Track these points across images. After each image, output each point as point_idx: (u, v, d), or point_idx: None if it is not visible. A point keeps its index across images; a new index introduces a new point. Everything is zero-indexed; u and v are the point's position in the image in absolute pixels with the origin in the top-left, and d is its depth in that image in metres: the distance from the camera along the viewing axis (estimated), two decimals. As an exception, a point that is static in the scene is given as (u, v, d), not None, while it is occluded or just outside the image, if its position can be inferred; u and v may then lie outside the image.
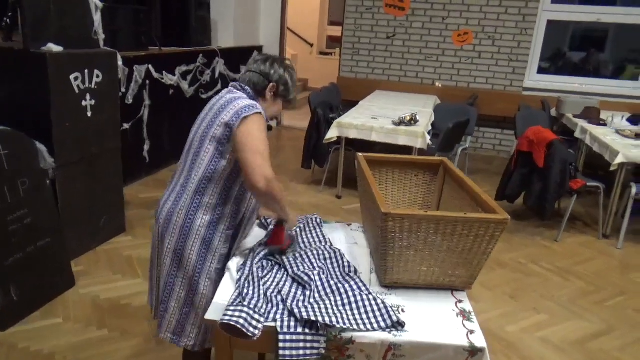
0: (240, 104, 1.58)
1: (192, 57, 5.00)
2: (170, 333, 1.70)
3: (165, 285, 1.68)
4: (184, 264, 1.64)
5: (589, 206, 4.46)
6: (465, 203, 1.70)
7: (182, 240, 1.63)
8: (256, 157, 1.50)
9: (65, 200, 2.85)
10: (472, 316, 1.42)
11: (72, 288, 2.74)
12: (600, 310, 2.85)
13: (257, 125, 1.56)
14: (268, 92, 1.71)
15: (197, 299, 1.65)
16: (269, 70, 1.71)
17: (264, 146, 1.54)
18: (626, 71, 6.22)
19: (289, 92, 1.76)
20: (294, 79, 1.77)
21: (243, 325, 1.27)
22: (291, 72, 1.76)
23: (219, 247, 1.64)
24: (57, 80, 2.67)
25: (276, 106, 1.78)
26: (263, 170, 1.49)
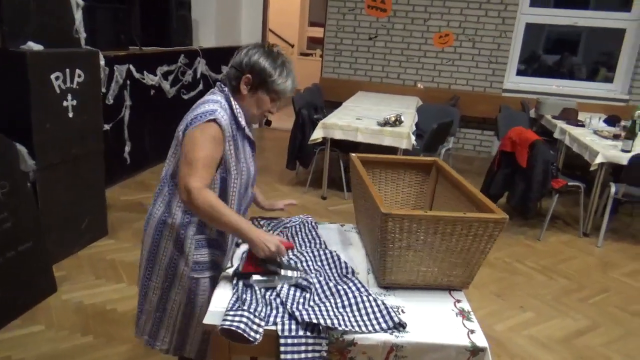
0: (202, 108, 1.48)
1: (174, 57, 4.93)
2: (146, 335, 1.68)
3: (140, 286, 1.66)
4: (156, 269, 1.60)
5: (569, 205, 4.55)
6: (459, 203, 1.70)
7: (155, 243, 1.59)
8: (184, 166, 1.42)
9: (46, 204, 2.77)
10: (472, 316, 1.42)
11: (54, 294, 2.65)
12: (584, 307, 2.91)
13: (200, 133, 1.43)
14: (243, 86, 1.52)
15: (169, 306, 1.61)
16: (242, 58, 1.51)
17: (200, 153, 1.41)
18: (599, 74, 6.39)
19: (271, 81, 1.51)
20: (279, 64, 1.51)
21: (244, 330, 1.24)
22: (272, 56, 1.51)
23: (190, 254, 1.55)
24: (37, 79, 2.59)
25: (259, 102, 1.55)
26: (186, 181, 1.40)
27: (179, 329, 1.62)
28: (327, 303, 1.37)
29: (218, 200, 1.43)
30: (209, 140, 1.44)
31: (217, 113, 1.46)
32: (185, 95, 5.21)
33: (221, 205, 1.42)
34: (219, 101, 1.51)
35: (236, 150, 1.55)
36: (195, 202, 1.40)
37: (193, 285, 1.57)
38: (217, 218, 1.42)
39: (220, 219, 1.42)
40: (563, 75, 6.40)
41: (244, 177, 1.60)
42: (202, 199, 1.40)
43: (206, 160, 1.43)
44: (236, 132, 1.54)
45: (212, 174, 1.47)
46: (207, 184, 1.44)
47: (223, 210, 1.42)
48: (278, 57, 1.53)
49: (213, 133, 1.45)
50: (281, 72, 1.52)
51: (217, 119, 1.45)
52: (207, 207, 1.40)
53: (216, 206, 1.41)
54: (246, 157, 1.61)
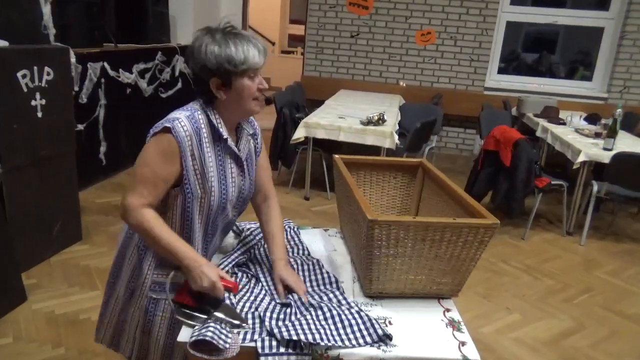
0: (169, 115, 1.35)
1: (150, 55, 4.78)
2: (106, 344, 1.59)
3: (105, 291, 1.56)
4: (119, 280, 1.50)
5: (551, 204, 4.56)
6: (447, 206, 1.64)
7: (122, 253, 1.49)
8: (131, 181, 1.33)
9: (13, 208, 2.63)
10: (462, 326, 1.36)
11: (23, 303, 2.52)
12: (569, 308, 2.89)
13: (151, 144, 1.31)
14: (217, 92, 1.33)
15: (128, 318, 1.50)
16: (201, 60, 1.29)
17: (144, 169, 1.30)
18: (577, 72, 6.45)
19: (234, 64, 1.28)
20: (225, 40, 1.28)
21: (212, 337, 1.16)
22: (214, 36, 1.29)
23: (149, 272, 1.42)
24: (2, 77, 2.45)
25: (241, 92, 1.33)
26: (125, 197, 1.31)
27: (139, 344, 1.51)
28: (308, 316, 1.29)
29: (155, 222, 1.30)
30: (156, 154, 1.30)
31: (177, 122, 1.30)
32: (163, 94, 5.07)
33: (157, 227, 1.29)
34: (191, 109, 1.36)
35: (203, 166, 1.35)
36: (129, 221, 1.31)
37: (151, 305, 1.45)
38: (151, 240, 1.31)
39: (155, 242, 1.30)
40: (542, 73, 6.43)
41: (214, 198, 1.39)
42: (137, 219, 1.29)
43: (149, 176, 1.30)
44: (209, 144, 1.36)
45: (156, 193, 1.32)
46: (147, 202, 1.30)
47: (158, 232, 1.29)
48: (216, 31, 1.30)
49: (164, 146, 1.29)
50: (234, 46, 1.28)
51: (173, 129, 1.29)
52: (140, 227, 1.30)
53: (150, 227, 1.29)
54: (226, 175, 1.41)
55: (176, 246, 1.30)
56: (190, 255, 1.30)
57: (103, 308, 1.58)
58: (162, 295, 1.43)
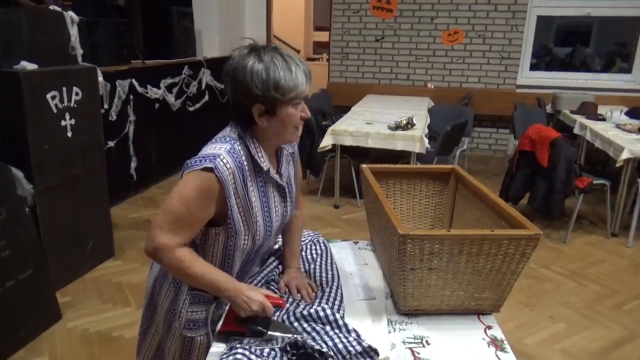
0: (207, 149, 1.22)
1: (177, 69, 4.83)
2: None
3: (141, 322, 1.53)
4: (156, 316, 1.46)
5: (592, 204, 4.35)
6: (484, 215, 1.55)
7: (157, 288, 1.43)
8: (162, 215, 1.20)
9: (47, 228, 2.67)
10: (505, 345, 1.26)
11: (58, 322, 2.55)
12: (619, 315, 2.71)
13: (190, 180, 1.18)
14: (259, 119, 1.22)
15: (166, 354, 1.46)
16: (244, 83, 1.17)
17: (181, 206, 1.18)
18: (614, 65, 6.16)
19: (282, 90, 1.17)
20: (273, 62, 1.17)
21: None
22: (260, 57, 1.18)
23: (183, 310, 1.35)
24: (33, 99, 2.50)
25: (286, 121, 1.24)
26: (157, 235, 1.19)
27: None
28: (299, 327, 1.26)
29: (189, 259, 1.21)
30: (195, 194, 1.18)
31: (218, 160, 1.17)
32: (191, 108, 5.11)
33: (193, 264, 1.21)
34: (229, 140, 1.23)
35: (247, 203, 1.26)
36: (162, 261, 1.23)
37: (187, 343, 1.40)
38: (188, 278, 1.25)
39: (192, 279, 1.24)
40: (577, 68, 6.17)
41: (259, 233, 1.32)
42: (169, 259, 1.20)
43: (184, 216, 1.19)
44: (252, 178, 1.27)
45: (192, 233, 1.23)
46: (182, 242, 1.21)
47: (194, 271, 1.21)
48: (263, 51, 1.20)
49: (204, 187, 1.18)
50: (283, 70, 1.18)
51: (216, 168, 1.17)
52: (175, 268, 1.22)
53: (185, 267, 1.20)
54: (270, 207, 1.33)
55: (215, 280, 1.23)
56: (229, 285, 1.23)
57: (141, 337, 1.54)
58: (196, 333, 1.39)
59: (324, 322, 1.27)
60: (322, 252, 1.66)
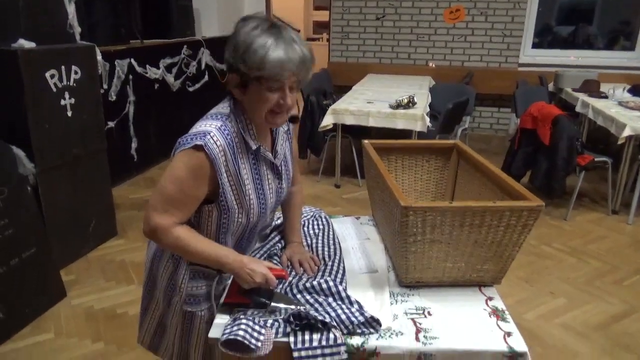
0: (197, 126, 1.21)
1: (176, 49, 4.79)
2: (147, 345, 1.57)
3: (142, 297, 1.53)
4: (156, 291, 1.46)
5: (594, 181, 4.35)
6: (485, 189, 1.55)
7: (156, 264, 1.43)
8: (156, 197, 1.21)
9: (49, 207, 2.67)
10: (507, 315, 1.28)
11: (63, 299, 2.57)
12: (619, 290, 2.74)
13: (182, 160, 1.18)
14: (235, 90, 1.20)
15: (167, 328, 1.48)
16: (226, 50, 1.16)
17: (173, 187, 1.18)
18: (617, 42, 6.09)
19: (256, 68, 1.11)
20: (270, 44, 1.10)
21: (244, 337, 1.12)
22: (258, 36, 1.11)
23: (183, 285, 1.36)
24: (32, 78, 2.48)
25: (255, 99, 1.18)
26: (153, 217, 1.20)
27: (178, 349, 1.49)
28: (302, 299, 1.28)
29: (188, 236, 1.22)
30: (186, 173, 1.18)
31: (208, 138, 1.16)
32: (191, 88, 5.08)
33: (192, 241, 1.22)
34: (221, 117, 1.22)
35: (239, 180, 1.25)
36: (161, 242, 1.24)
37: (187, 318, 1.42)
38: (189, 255, 1.26)
39: (194, 256, 1.25)
40: (579, 46, 6.09)
41: (253, 211, 1.31)
42: (169, 240, 1.22)
43: (178, 195, 1.19)
44: (243, 156, 1.25)
45: (187, 211, 1.23)
46: (178, 221, 1.22)
47: (194, 247, 1.22)
48: (261, 23, 1.14)
49: (194, 166, 1.17)
50: (257, 44, 1.10)
51: (205, 146, 1.16)
52: (175, 247, 1.24)
53: (186, 244, 1.22)
54: (263, 184, 1.32)
55: (216, 254, 1.24)
56: (231, 258, 1.24)
57: (142, 313, 1.55)
58: (197, 308, 1.40)
59: (327, 294, 1.28)
60: (324, 227, 1.67)
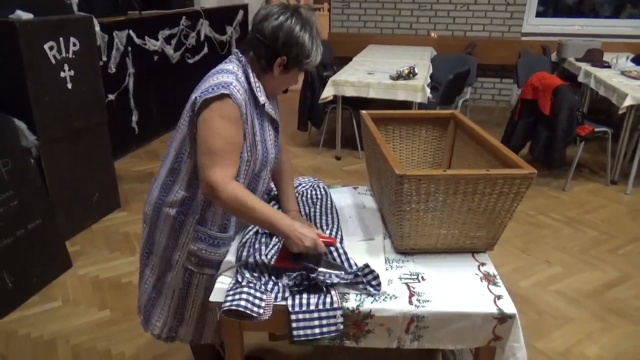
0: (213, 80, 1.28)
1: (175, 20, 4.73)
2: (141, 314, 1.62)
3: (140, 264, 1.58)
4: (154, 251, 1.51)
5: (594, 152, 4.35)
6: (481, 158, 1.57)
7: (153, 226, 1.48)
8: (203, 157, 1.25)
9: (53, 179, 2.71)
10: (498, 279, 1.32)
11: (69, 269, 2.63)
12: (613, 258, 2.78)
13: (214, 114, 1.25)
14: (276, 68, 1.33)
15: (164, 289, 1.52)
16: (276, 32, 1.28)
17: (218, 141, 1.24)
18: (624, 10, 5.98)
19: (307, 62, 1.34)
20: (314, 37, 1.32)
21: (245, 307, 1.17)
22: (308, 28, 1.30)
23: (186, 243, 1.43)
24: (30, 50, 2.48)
25: (289, 80, 1.39)
26: (207, 175, 1.24)
27: (173, 312, 1.54)
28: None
29: (245, 192, 1.27)
30: (227, 123, 1.26)
31: (232, 87, 1.26)
32: (190, 60, 5.04)
33: (249, 197, 1.27)
34: (235, 73, 1.32)
35: (253, 130, 1.36)
36: (221, 198, 1.25)
37: (187, 276, 1.46)
38: (244, 212, 1.27)
39: (248, 213, 1.27)
40: (586, 14, 6.00)
41: (259, 162, 1.41)
42: (227, 194, 1.24)
43: (228, 147, 1.26)
44: (252, 110, 1.36)
45: (236, 162, 1.30)
46: (232, 174, 1.27)
47: (251, 203, 1.26)
48: (312, 26, 1.32)
49: (230, 113, 1.26)
50: (316, 47, 1.34)
51: (231, 94, 1.25)
52: (233, 201, 1.25)
53: (243, 199, 1.25)
54: (265, 138, 1.41)
55: (271, 215, 1.28)
56: (285, 221, 1.28)
57: (139, 281, 1.60)
58: (198, 269, 1.44)
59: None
60: (322, 197, 1.70)
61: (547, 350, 2.09)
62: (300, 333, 1.19)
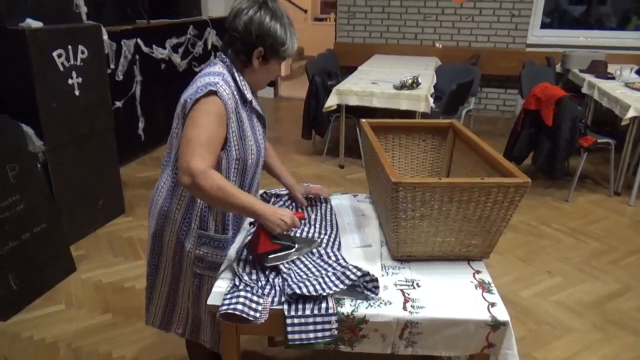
0: (200, 82, 1.35)
1: (182, 29, 4.81)
2: (158, 323, 1.65)
3: (148, 275, 1.60)
4: (163, 258, 1.54)
5: (598, 164, 4.35)
6: (479, 167, 1.59)
7: (159, 232, 1.51)
8: (184, 146, 1.29)
9: (58, 184, 2.75)
10: (492, 287, 1.33)
11: (73, 273, 2.67)
12: (615, 270, 2.78)
13: (200, 109, 1.31)
14: (255, 61, 1.39)
15: (178, 298, 1.57)
16: (248, 26, 1.34)
17: (200, 132, 1.29)
18: (630, 22, 6.00)
19: (283, 50, 1.39)
20: (287, 26, 1.38)
21: (242, 311, 1.19)
22: (278, 16, 1.36)
23: (192, 249, 1.47)
24: (39, 57, 2.53)
25: (270, 71, 1.45)
26: (187, 162, 1.27)
27: (191, 316, 1.57)
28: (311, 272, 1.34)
29: (225, 180, 1.30)
30: (211, 118, 1.31)
31: (219, 86, 1.33)
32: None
33: (229, 185, 1.30)
34: (220, 73, 1.38)
35: (240, 127, 1.41)
36: (201, 186, 1.27)
37: (197, 280, 1.51)
38: (224, 199, 1.29)
39: (228, 199, 1.29)
40: (590, 25, 6.01)
41: (252, 157, 1.46)
42: (209, 182, 1.26)
43: (209, 140, 1.31)
44: (241, 106, 1.41)
45: (216, 155, 1.34)
46: (210, 165, 1.31)
47: (232, 191, 1.29)
48: (282, 15, 1.38)
49: (215, 109, 1.32)
50: (290, 35, 1.40)
51: (218, 92, 1.32)
52: (215, 189, 1.27)
53: (224, 187, 1.28)
54: (255, 134, 1.48)
55: (250, 200, 1.33)
56: (261, 205, 1.34)
57: (149, 291, 1.62)
58: (205, 272, 1.48)
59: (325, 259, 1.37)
60: (321, 204, 1.72)
61: (546, 360, 2.09)
62: (295, 337, 1.21)
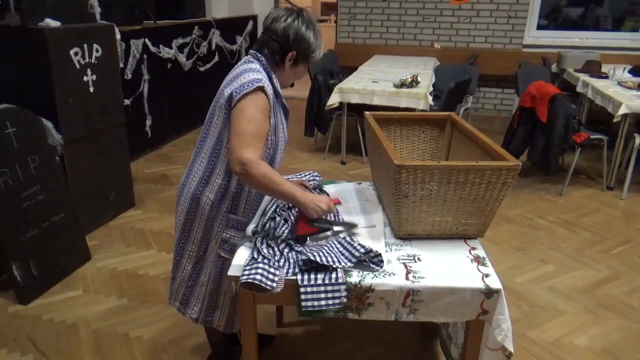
0: (246, 77, 1.48)
1: (188, 30, 4.94)
2: (178, 302, 1.78)
3: (175, 254, 1.73)
4: (190, 239, 1.67)
5: (591, 160, 4.49)
6: (474, 154, 1.72)
7: (190, 216, 1.64)
8: (236, 138, 1.43)
9: (74, 176, 2.88)
10: (487, 261, 1.46)
11: (88, 262, 2.79)
12: (606, 258, 2.91)
13: (250, 104, 1.45)
14: (288, 62, 1.56)
15: (201, 276, 1.69)
16: (287, 31, 1.51)
17: (251, 126, 1.44)
18: (625, 24, 6.14)
19: (313, 56, 1.58)
20: (317, 34, 1.56)
21: (261, 281, 1.31)
22: (312, 26, 1.54)
23: (219, 231, 1.63)
24: (58, 55, 2.66)
25: (297, 73, 1.63)
26: (238, 153, 1.41)
27: (209, 298, 1.70)
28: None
29: (271, 170, 1.45)
30: (260, 112, 1.46)
31: (263, 82, 1.48)
32: (202, 68, 5.24)
33: (275, 175, 1.45)
34: (260, 71, 1.53)
35: (276, 119, 1.57)
36: (253, 174, 1.41)
37: (220, 262, 1.64)
38: (272, 188, 1.45)
39: (274, 187, 1.45)
40: (587, 27, 6.15)
41: (281, 146, 1.64)
42: (259, 171, 1.41)
43: (258, 132, 1.45)
44: (274, 101, 1.56)
45: (263, 146, 1.50)
46: (260, 156, 1.45)
47: (278, 179, 1.45)
48: (315, 25, 1.55)
49: (263, 105, 1.47)
50: (320, 43, 1.57)
51: (264, 88, 1.47)
52: (263, 178, 1.42)
53: (271, 176, 1.43)
54: (284, 126, 1.64)
55: (293, 188, 1.48)
56: (301, 193, 1.50)
57: (175, 269, 1.75)
58: (229, 255, 1.59)
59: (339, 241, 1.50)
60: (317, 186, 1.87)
61: (539, 340, 2.22)
62: (308, 304, 1.34)
